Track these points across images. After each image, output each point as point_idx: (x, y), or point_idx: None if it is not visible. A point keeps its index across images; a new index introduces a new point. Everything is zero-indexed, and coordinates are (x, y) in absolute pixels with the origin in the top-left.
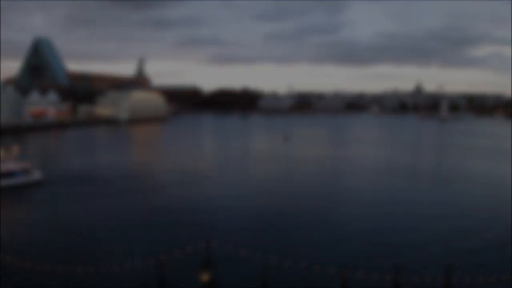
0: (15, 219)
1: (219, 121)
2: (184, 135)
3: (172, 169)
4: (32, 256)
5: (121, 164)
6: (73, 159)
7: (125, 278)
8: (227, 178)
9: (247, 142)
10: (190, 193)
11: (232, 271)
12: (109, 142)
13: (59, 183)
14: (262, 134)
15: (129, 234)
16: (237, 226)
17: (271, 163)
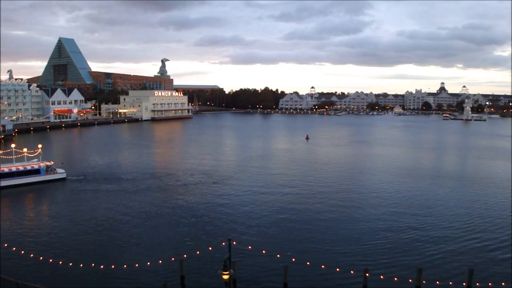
0: (38, 216)
1: (240, 121)
2: (206, 134)
3: (194, 167)
4: (54, 253)
5: (144, 162)
6: (96, 157)
7: (147, 276)
8: (248, 177)
9: (269, 141)
10: (212, 192)
11: (252, 271)
12: (131, 140)
13: (82, 180)
14: (284, 133)
15: (151, 232)
16: (258, 226)
17: (293, 162)
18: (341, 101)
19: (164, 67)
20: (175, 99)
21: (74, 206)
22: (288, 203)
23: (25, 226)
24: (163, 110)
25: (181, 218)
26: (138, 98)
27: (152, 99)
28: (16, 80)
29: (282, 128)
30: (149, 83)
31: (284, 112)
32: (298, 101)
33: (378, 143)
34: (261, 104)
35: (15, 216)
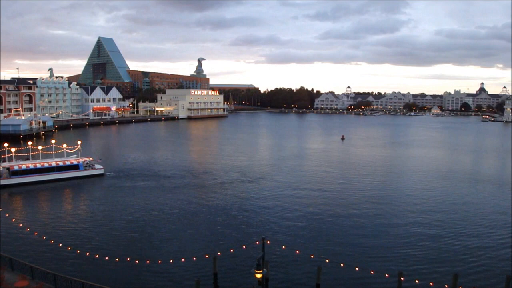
0: (76, 210)
1: (275, 120)
2: (241, 133)
3: (229, 166)
4: (91, 246)
5: (180, 160)
6: (133, 154)
7: (181, 272)
8: (283, 177)
9: (304, 141)
10: (247, 191)
11: (285, 271)
12: (168, 138)
13: (119, 176)
14: (319, 133)
15: (186, 230)
16: (292, 226)
17: (328, 163)
18: (377, 101)
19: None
20: (211, 98)
21: (111, 201)
22: (322, 204)
23: (63, 220)
24: (199, 109)
25: (216, 216)
26: (175, 97)
27: (188, 98)
28: (56, 78)
29: (317, 128)
30: (185, 82)
31: (319, 112)
32: (334, 101)
33: (415, 145)
34: (296, 103)
35: (54, 210)
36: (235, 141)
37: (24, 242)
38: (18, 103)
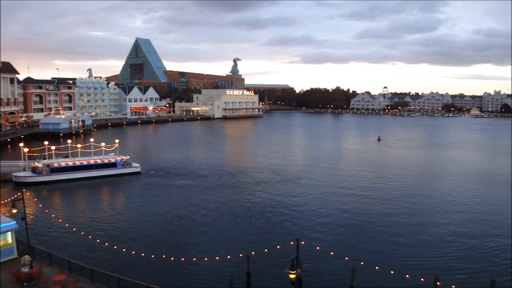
0: (113, 207)
1: (311, 120)
2: (275, 133)
3: (263, 166)
4: (127, 243)
5: (215, 159)
6: (170, 152)
7: (214, 270)
8: (318, 178)
9: (339, 141)
10: (281, 191)
11: (319, 272)
12: (203, 138)
13: (155, 175)
14: (355, 134)
15: (221, 228)
16: (327, 227)
17: (363, 164)
18: (415, 102)
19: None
20: (246, 98)
21: (147, 199)
22: (358, 205)
23: (101, 217)
24: (234, 109)
25: (250, 215)
26: (210, 97)
27: (224, 97)
28: (95, 78)
29: (353, 128)
30: (221, 82)
31: (355, 112)
32: (370, 101)
33: (453, 146)
34: (332, 103)
35: (92, 207)
36: (269, 141)
37: (63, 238)
38: (58, 103)
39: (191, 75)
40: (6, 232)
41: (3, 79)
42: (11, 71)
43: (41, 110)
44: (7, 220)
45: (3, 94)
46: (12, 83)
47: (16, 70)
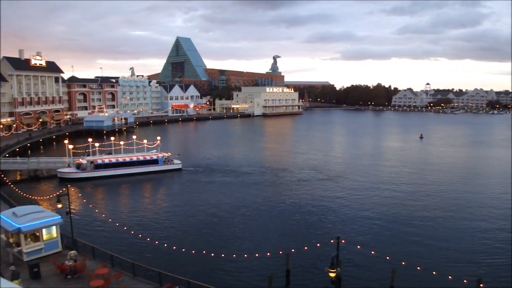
0: (155, 203)
1: (351, 117)
2: (315, 131)
3: (304, 163)
4: (168, 238)
5: (255, 156)
6: (210, 149)
7: (254, 267)
8: (359, 176)
9: (380, 139)
10: (322, 189)
11: (359, 271)
12: (243, 135)
13: (196, 172)
14: (396, 131)
15: (261, 225)
16: (368, 226)
17: (405, 162)
18: (458, 99)
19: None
20: (286, 95)
21: (188, 196)
22: (399, 204)
23: (143, 212)
24: (274, 106)
25: (291, 213)
26: (250, 94)
27: (263, 95)
28: (137, 77)
29: (395, 126)
30: (261, 80)
31: (396, 109)
32: (412, 98)
33: (498, 145)
34: (373, 100)
35: (134, 202)
36: (309, 138)
37: (106, 232)
38: (101, 101)
39: (231, 73)
40: (51, 226)
41: (48, 78)
42: (56, 70)
43: (85, 108)
44: (52, 215)
45: (49, 92)
46: (57, 82)
47: (60, 69)
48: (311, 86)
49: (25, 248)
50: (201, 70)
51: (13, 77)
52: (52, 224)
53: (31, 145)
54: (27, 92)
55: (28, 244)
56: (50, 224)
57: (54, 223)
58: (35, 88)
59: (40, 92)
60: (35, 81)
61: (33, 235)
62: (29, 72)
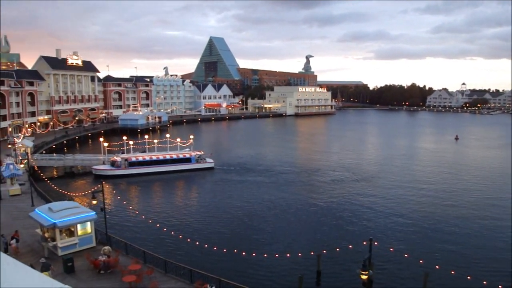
0: (187, 201)
1: (385, 118)
2: (348, 131)
3: (336, 164)
4: (200, 236)
5: (287, 156)
6: (242, 149)
7: (285, 267)
8: (392, 177)
9: (414, 139)
10: (354, 190)
11: (391, 274)
12: (275, 135)
13: (228, 171)
14: (431, 132)
15: (293, 226)
16: (401, 228)
17: (439, 163)
18: (495, 99)
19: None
20: (318, 95)
21: (220, 194)
22: (434, 207)
23: (175, 210)
24: (306, 106)
25: (323, 213)
26: (282, 94)
27: (296, 94)
28: (171, 76)
29: (429, 126)
30: (293, 79)
31: (431, 109)
32: (447, 99)
33: None
34: (407, 101)
35: (167, 200)
36: (342, 138)
37: (139, 229)
38: (136, 100)
39: (263, 72)
40: (86, 222)
41: (84, 77)
42: (92, 70)
43: (120, 106)
44: (87, 211)
45: (85, 91)
46: (93, 81)
47: (96, 69)
48: (344, 86)
49: (60, 242)
50: (234, 70)
51: (51, 76)
52: (87, 220)
53: (67, 143)
54: (63, 91)
55: (63, 239)
56: (85, 220)
57: (89, 219)
58: (72, 87)
59: (76, 91)
60: (71, 80)
61: (68, 230)
62: (66, 71)
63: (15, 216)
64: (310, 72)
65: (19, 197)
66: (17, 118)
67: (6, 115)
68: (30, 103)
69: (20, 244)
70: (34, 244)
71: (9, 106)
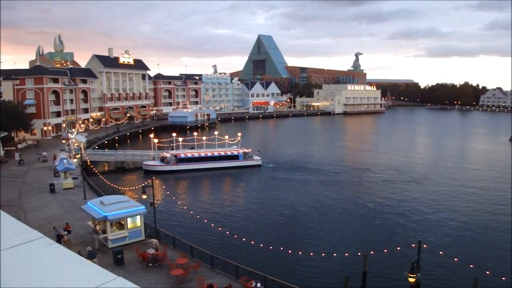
0: (234, 198)
1: (436, 117)
2: (398, 130)
3: (385, 164)
4: (246, 233)
5: (335, 155)
6: (289, 147)
7: (331, 267)
8: (442, 179)
9: (466, 140)
10: (403, 191)
11: (440, 278)
12: (323, 133)
13: (276, 168)
14: (484, 132)
15: (339, 225)
16: (453, 231)
17: (492, 166)
18: None
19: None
20: (367, 93)
21: (267, 192)
22: (486, 210)
23: (223, 206)
24: (355, 104)
25: (371, 214)
26: (331, 92)
27: (344, 93)
28: (220, 74)
29: (482, 126)
30: (342, 77)
31: (485, 109)
32: (502, 98)
33: None
34: (459, 100)
35: (215, 196)
36: (392, 138)
37: (187, 223)
38: (185, 97)
39: (312, 70)
40: (136, 215)
41: (135, 75)
42: (143, 68)
43: (169, 104)
44: (137, 205)
45: (136, 89)
46: (143, 79)
47: (147, 67)
48: (394, 84)
49: (111, 235)
50: (282, 68)
51: (103, 74)
52: (137, 214)
53: (118, 138)
54: (115, 88)
55: (113, 232)
56: (135, 214)
57: (139, 213)
58: (123, 85)
59: (128, 88)
60: (123, 78)
61: (119, 223)
62: (117, 69)
63: (68, 208)
64: (359, 70)
65: (72, 191)
66: (71, 115)
67: (61, 112)
68: (83, 100)
69: (72, 236)
70: (85, 236)
71: (64, 103)
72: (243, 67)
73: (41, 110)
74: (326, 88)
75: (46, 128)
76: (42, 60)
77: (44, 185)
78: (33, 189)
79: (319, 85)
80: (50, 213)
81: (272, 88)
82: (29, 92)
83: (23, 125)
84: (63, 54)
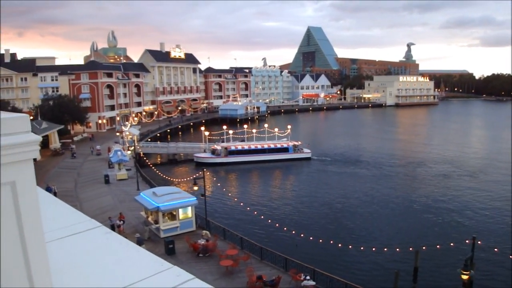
0: (284, 190)
1: (492, 109)
2: (451, 122)
3: (438, 157)
4: (295, 225)
5: (386, 148)
6: (339, 139)
7: (381, 261)
8: (499, 174)
9: None
10: (458, 186)
11: (493, 276)
12: (374, 125)
13: (325, 161)
14: None
15: (389, 219)
16: (506, 229)
17: None
18: None
19: (410, 51)
20: (420, 85)
21: (317, 185)
22: None
23: (272, 198)
24: (407, 96)
25: (424, 209)
26: (382, 84)
27: (396, 84)
28: (269, 67)
29: None
30: (393, 68)
31: None
32: None
33: None
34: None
35: (264, 188)
36: (445, 130)
37: (237, 215)
38: (235, 90)
39: (362, 61)
40: (187, 206)
41: (186, 69)
42: (194, 62)
43: (220, 97)
44: (188, 196)
45: (187, 82)
46: (194, 72)
47: (198, 61)
48: (448, 74)
49: (163, 225)
50: (332, 59)
51: (155, 68)
52: (188, 205)
53: (170, 131)
54: (167, 82)
55: (165, 222)
56: (186, 205)
57: (190, 204)
58: (175, 78)
59: (179, 82)
60: (174, 72)
61: (170, 214)
62: (169, 63)
63: (122, 199)
64: (412, 60)
65: (126, 182)
66: (125, 108)
67: (115, 105)
68: (136, 94)
69: (125, 225)
70: (138, 226)
71: (117, 96)
72: (293, 60)
73: (96, 103)
74: (377, 79)
75: (101, 121)
76: (96, 56)
77: (99, 176)
78: (89, 180)
79: (370, 77)
80: (105, 203)
81: (322, 80)
82: (84, 87)
83: (78, 118)
84: (116, 49)
